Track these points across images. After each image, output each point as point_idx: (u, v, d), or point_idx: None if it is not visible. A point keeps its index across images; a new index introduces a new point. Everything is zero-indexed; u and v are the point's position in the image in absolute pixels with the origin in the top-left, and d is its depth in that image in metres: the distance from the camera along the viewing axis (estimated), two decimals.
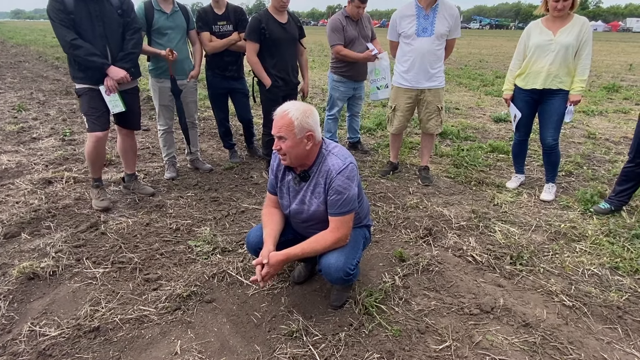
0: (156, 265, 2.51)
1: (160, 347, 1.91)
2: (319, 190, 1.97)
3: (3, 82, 9.06)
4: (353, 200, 1.94)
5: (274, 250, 1.96)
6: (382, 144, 5.00)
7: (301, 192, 2.03)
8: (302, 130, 1.84)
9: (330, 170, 1.92)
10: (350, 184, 1.92)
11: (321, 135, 1.97)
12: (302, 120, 1.83)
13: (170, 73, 3.52)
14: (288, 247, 1.97)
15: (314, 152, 1.95)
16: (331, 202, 1.93)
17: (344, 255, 1.97)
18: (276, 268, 1.92)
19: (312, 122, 1.87)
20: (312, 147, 1.91)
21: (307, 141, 1.87)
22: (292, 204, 2.08)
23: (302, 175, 2.00)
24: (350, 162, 1.95)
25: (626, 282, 2.38)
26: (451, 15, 3.40)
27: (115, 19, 2.96)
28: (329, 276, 1.99)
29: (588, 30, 3.06)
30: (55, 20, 2.78)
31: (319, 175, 1.96)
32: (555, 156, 3.42)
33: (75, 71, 2.97)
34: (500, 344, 1.93)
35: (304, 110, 1.86)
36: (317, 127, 1.90)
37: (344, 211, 1.93)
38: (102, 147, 3.15)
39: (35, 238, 2.80)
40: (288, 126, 1.83)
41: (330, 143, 2.03)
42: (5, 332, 1.98)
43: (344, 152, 1.99)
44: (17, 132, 5.25)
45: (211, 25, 3.75)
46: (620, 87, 9.18)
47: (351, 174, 1.93)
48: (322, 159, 1.96)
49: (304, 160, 1.96)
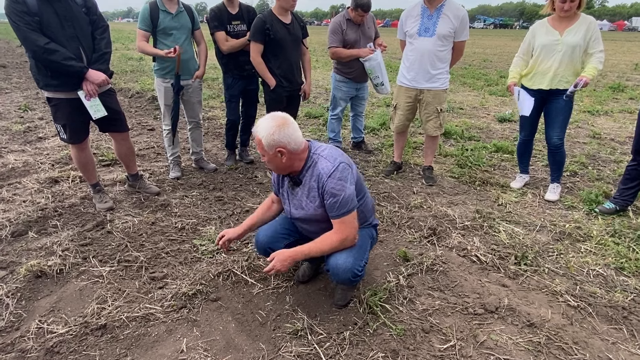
0: (162, 264, 2.53)
1: (166, 344, 1.93)
2: (313, 194, 1.98)
3: (9, 82, 9.13)
4: (351, 200, 1.92)
5: (237, 234, 2.22)
6: (386, 143, 5.00)
7: (297, 197, 2.06)
8: (270, 147, 1.87)
9: (320, 175, 1.92)
10: (343, 184, 1.90)
11: (303, 142, 1.95)
12: (268, 138, 1.85)
13: (177, 70, 3.50)
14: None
15: (297, 161, 1.95)
16: (329, 206, 1.92)
17: (353, 256, 1.98)
18: (282, 263, 1.91)
19: (280, 137, 1.84)
20: (289, 158, 1.91)
21: (280, 155, 1.89)
22: (291, 209, 2.12)
23: (294, 181, 2.03)
24: (341, 162, 1.93)
25: (631, 283, 2.37)
26: (456, 16, 3.33)
27: (83, 18, 2.75)
28: (337, 276, 2.00)
29: (595, 29, 3.05)
30: (19, 24, 2.49)
31: (311, 179, 1.97)
32: (561, 156, 3.41)
33: (47, 78, 2.71)
34: (505, 344, 1.93)
35: (269, 127, 1.86)
36: (288, 140, 1.86)
37: (343, 212, 1.91)
38: (88, 152, 3.11)
39: (43, 236, 2.83)
40: (259, 144, 1.90)
41: (319, 146, 2.02)
42: (14, 329, 2.01)
43: (334, 153, 1.98)
44: (24, 132, 5.29)
45: (226, 24, 3.73)
46: (625, 86, 9.12)
47: (343, 174, 1.91)
48: (311, 163, 1.97)
49: (289, 170, 1.99)
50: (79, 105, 2.84)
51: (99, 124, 3.05)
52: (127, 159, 3.41)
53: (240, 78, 3.91)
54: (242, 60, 3.81)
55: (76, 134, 2.96)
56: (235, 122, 4.14)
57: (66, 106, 2.84)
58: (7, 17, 2.54)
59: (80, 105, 2.84)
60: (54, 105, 2.86)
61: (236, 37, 3.76)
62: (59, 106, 2.85)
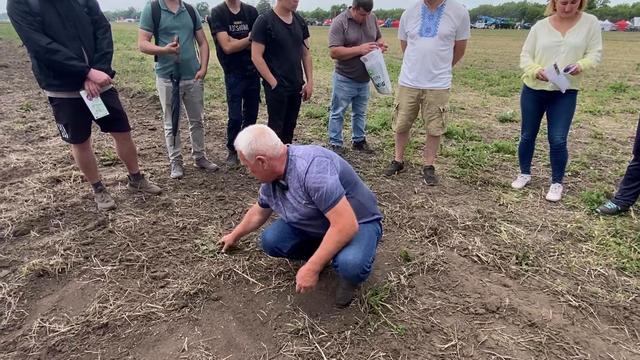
0: (163, 263, 2.54)
1: (167, 343, 1.93)
2: (299, 194, 2.03)
3: (11, 82, 9.16)
4: (335, 188, 1.93)
5: (232, 240, 2.57)
6: (387, 143, 5.00)
7: (289, 201, 2.11)
8: (251, 156, 1.97)
9: (299, 173, 1.98)
10: (322, 176, 1.93)
11: (282, 147, 2.03)
12: (247, 148, 1.95)
13: (177, 59, 3.46)
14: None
15: (277, 166, 2.02)
16: (316, 200, 1.95)
17: (362, 252, 1.99)
18: (303, 278, 1.99)
19: (258, 146, 1.94)
20: (269, 165, 1.99)
21: (261, 163, 1.97)
22: (287, 214, 2.17)
23: (281, 186, 2.09)
24: (315, 156, 1.98)
25: (633, 283, 2.37)
26: (458, 15, 3.33)
27: (85, 17, 2.76)
28: (346, 272, 1.99)
29: (596, 28, 3.05)
30: (22, 24, 2.50)
31: (294, 180, 2.03)
32: (563, 155, 3.41)
33: (49, 78, 2.72)
34: (506, 344, 1.93)
35: (247, 139, 1.96)
36: (266, 147, 1.95)
37: (331, 202, 1.93)
38: (89, 151, 3.12)
39: (45, 236, 2.83)
40: (241, 156, 2.01)
41: (295, 148, 2.09)
42: (16, 327, 2.01)
43: (307, 150, 2.04)
44: (26, 132, 5.31)
45: (227, 24, 3.73)
46: (627, 86, 9.10)
47: (320, 167, 1.95)
48: (291, 165, 2.03)
49: (274, 176, 2.07)
50: (80, 105, 2.84)
51: (100, 123, 3.05)
52: (129, 158, 3.42)
53: (242, 78, 3.92)
54: (244, 60, 3.81)
55: (78, 133, 2.97)
56: (237, 122, 4.14)
57: (68, 106, 2.85)
58: (10, 17, 2.54)
59: (82, 105, 2.84)
60: (56, 105, 2.86)
61: (238, 37, 3.77)
62: (61, 106, 2.85)
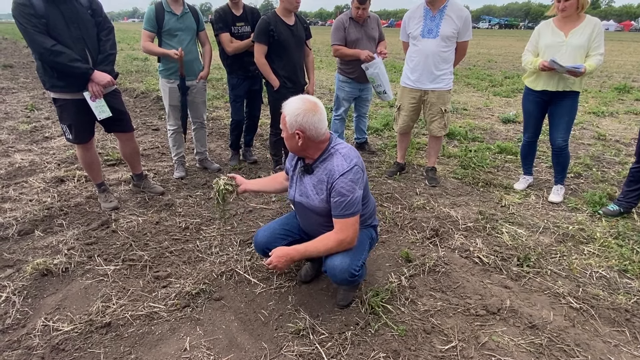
0: (166, 263, 2.56)
1: (169, 343, 1.95)
2: (321, 187, 1.98)
3: (16, 82, 9.23)
4: (357, 203, 1.92)
5: (249, 186, 2.32)
6: (389, 144, 5.00)
7: (304, 184, 2.05)
8: (292, 126, 1.90)
9: (333, 171, 1.92)
10: (354, 186, 1.90)
11: (325, 133, 1.96)
12: (292, 117, 1.88)
13: (181, 72, 3.53)
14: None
15: (312, 149, 1.97)
16: (334, 204, 1.92)
17: (349, 256, 1.98)
18: (279, 258, 1.94)
19: (304, 121, 1.86)
20: (305, 143, 1.92)
21: (297, 138, 1.91)
22: (296, 194, 2.11)
23: (306, 168, 2.03)
24: (356, 164, 1.93)
25: (634, 285, 2.36)
26: (459, 16, 3.34)
27: (89, 20, 2.80)
28: (334, 277, 2.01)
29: (599, 31, 3.04)
30: (27, 27, 2.53)
31: (322, 172, 1.97)
32: (565, 157, 3.40)
33: (53, 80, 2.75)
34: (507, 345, 1.93)
35: (296, 109, 1.88)
36: (309, 126, 1.87)
37: (347, 213, 1.91)
38: (93, 151, 3.15)
39: (48, 235, 2.86)
40: (283, 120, 1.94)
41: (339, 142, 2.03)
42: (20, 326, 2.04)
43: (351, 154, 1.97)
44: (30, 132, 5.35)
45: (230, 26, 3.76)
46: (631, 87, 9.05)
47: (355, 177, 1.91)
48: (327, 155, 1.97)
49: (302, 153, 2.01)
50: (84, 106, 2.87)
51: (104, 124, 3.07)
52: (132, 158, 3.44)
53: (245, 79, 3.93)
54: (246, 61, 3.83)
55: (81, 134, 3.00)
56: (239, 123, 4.16)
57: (72, 107, 2.88)
58: (15, 19, 2.57)
59: (86, 106, 2.87)
60: (60, 105, 2.89)
61: (240, 39, 3.79)
62: (64, 107, 2.88)
